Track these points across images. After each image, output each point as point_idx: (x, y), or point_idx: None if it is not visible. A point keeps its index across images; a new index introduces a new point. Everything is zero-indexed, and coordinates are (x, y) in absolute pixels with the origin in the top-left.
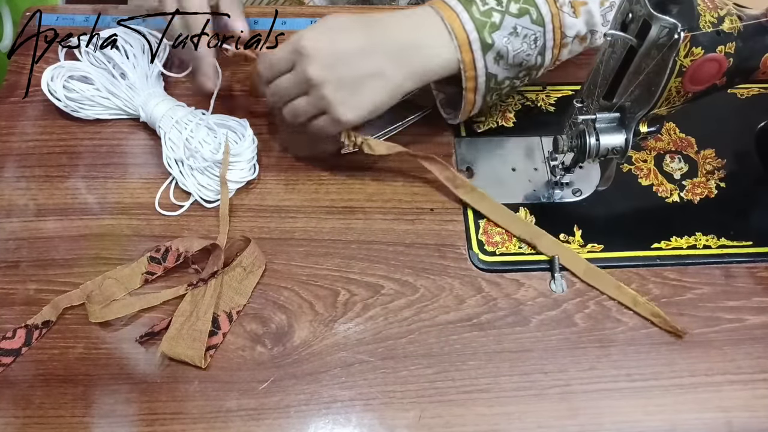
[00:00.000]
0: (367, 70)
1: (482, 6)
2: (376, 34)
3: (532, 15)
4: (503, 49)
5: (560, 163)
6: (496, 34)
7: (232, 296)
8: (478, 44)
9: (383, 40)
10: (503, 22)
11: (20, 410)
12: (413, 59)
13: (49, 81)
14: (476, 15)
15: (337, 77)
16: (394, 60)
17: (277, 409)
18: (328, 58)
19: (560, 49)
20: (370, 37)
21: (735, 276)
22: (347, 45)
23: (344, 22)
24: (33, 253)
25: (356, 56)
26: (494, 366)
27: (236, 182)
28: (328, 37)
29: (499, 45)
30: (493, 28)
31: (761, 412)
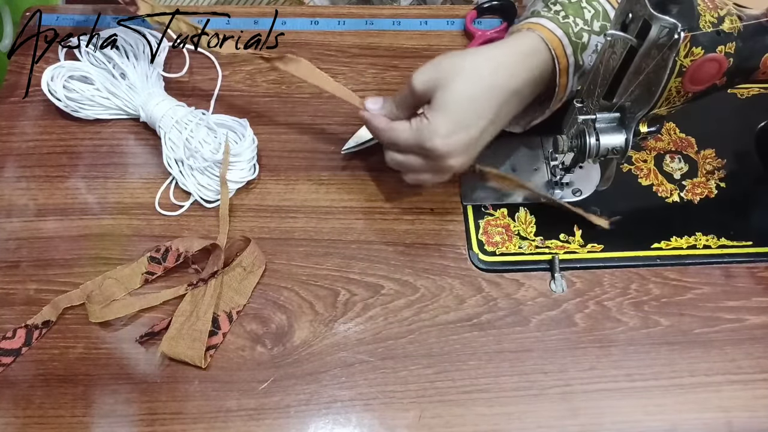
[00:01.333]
0: (485, 125)
1: (575, 27)
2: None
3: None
4: (586, 68)
5: (560, 163)
6: (584, 54)
7: (232, 296)
8: (573, 68)
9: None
10: (590, 41)
11: (20, 410)
12: (525, 97)
13: (49, 81)
14: (572, 38)
15: (466, 150)
16: (510, 104)
17: (277, 409)
18: (466, 148)
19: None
20: (496, 103)
21: (735, 276)
22: (480, 127)
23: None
24: (33, 253)
25: (486, 129)
26: (494, 366)
27: (236, 182)
28: (461, 129)
29: (586, 64)
30: (583, 48)
31: (761, 412)
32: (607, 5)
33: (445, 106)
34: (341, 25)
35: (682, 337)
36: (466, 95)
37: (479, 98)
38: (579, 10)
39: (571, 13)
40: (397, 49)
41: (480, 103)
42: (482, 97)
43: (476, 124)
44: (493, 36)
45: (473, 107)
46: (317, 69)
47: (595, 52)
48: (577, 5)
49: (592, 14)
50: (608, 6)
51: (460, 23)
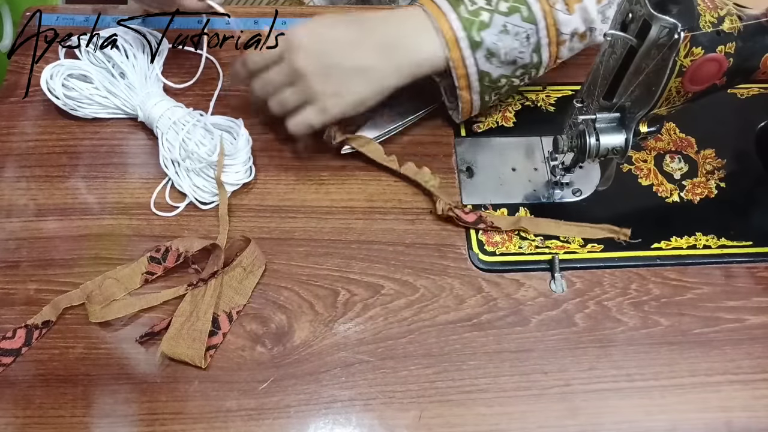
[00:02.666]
0: (353, 63)
1: (470, 5)
2: (363, 29)
3: (522, 13)
4: (494, 47)
5: (560, 163)
6: (485, 32)
7: (232, 296)
8: (466, 42)
9: (370, 34)
10: (492, 20)
11: (20, 410)
12: (399, 55)
13: (48, 79)
14: (464, 14)
15: (324, 68)
16: (380, 55)
17: (277, 409)
18: (316, 49)
19: (558, 46)
20: (357, 31)
21: (735, 276)
22: (334, 37)
23: (333, 18)
24: (33, 253)
25: (343, 49)
26: (494, 366)
27: (232, 185)
28: (316, 31)
29: (489, 43)
30: (482, 26)
31: (761, 412)
32: None
33: (311, 20)
34: None
35: (682, 337)
36: (331, 16)
37: (340, 20)
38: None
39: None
40: None
41: (340, 22)
42: (343, 20)
43: (333, 37)
44: None
45: (334, 23)
46: None
47: (504, 32)
48: None
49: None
50: None
51: None
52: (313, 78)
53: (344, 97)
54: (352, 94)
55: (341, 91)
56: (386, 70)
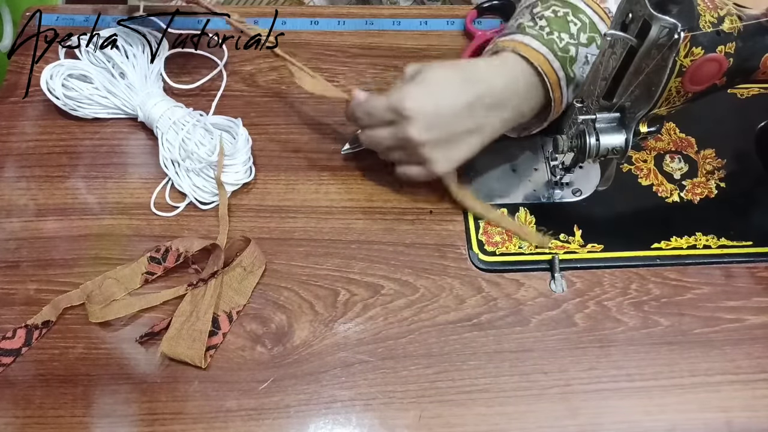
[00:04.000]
0: (466, 127)
1: (560, 42)
2: (474, 89)
3: (597, 42)
4: (580, 79)
5: (560, 163)
6: (575, 67)
7: (232, 296)
8: (565, 81)
9: (481, 95)
10: (578, 53)
11: (20, 410)
12: (508, 108)
13: (48, 79)
14: (558, 52)
15: (438, 139)
16: (490, 113)
17: (277, 409)
18: (430, 120)
19: None
20: (469, 94)
21: (735, 276)
22: (449, 106)
23: (442, 78)
24: (33, 253)
25: (458, 117)
26: (494, 366)
27: (232, 185)
28: (430, 99)
29: (578, 76)
30: (572, 61)
31: (761, 412)
32: (595, 17)
33: (421, 78)
34: (341, 25)
35: (682, 337)
36: (441, 73)
37: (453, 80)
38: (565, 25)
39: (555, 28)
40: (397, 49)
41: (454, 84)
42: (456, 80)
43: (448, 104)
44: (493, 36)
45: (447, 85)
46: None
47: (586, 64)
48: (563, 20)
49: (578, 27)
50: (596, 17)
51: (460, 23)
52: (426, 147)
53: (454, 160)
54: (462, 155)
55: (452, 155)
56: (495, 125)
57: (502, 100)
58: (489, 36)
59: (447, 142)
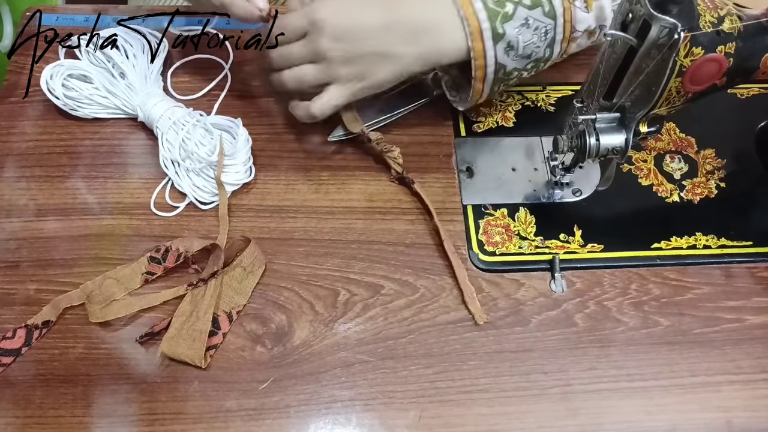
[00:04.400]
0: (378, 48)
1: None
2: (392, 13)
3: (544, 7)
4: (514, 40)
5: (560, 163)
6: (507, 25)
7: (232, 296)
8: (489, 33)
9: (398, 19)
10: (516, 12)
11: (20, 410)
12: (424, 42)
13: (48, 79)
14: (489, 4)
15: (349, 53)
16: (406, 41)
17: (277, 409)
18: (342, 32)
19: (569, 42)
20: (385, 15)
21: (735, 276)
22: (362, 21)
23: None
24: (33, 253)
25: (370, 34)
26: (494, 366)
27: (232, 185)
28: (344, 12)
29: (511, 36)
30: (506, 18)
31: (761, 412)
32: None
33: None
34: None
35: (682, 337)
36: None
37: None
38: None
39: None
40: None
41: (372, 3)
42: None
43: (362, 19)
44: None
45: (366, 2)
46: None
47: (525, 26)
48: None
49: None
50: None
51: None
52: (338, 61)
53: (366, 80)
54: (374, 78)
55: (364, 74)
56: (411, 56)
57: (418, 31)
58: None
59: (359, 59)
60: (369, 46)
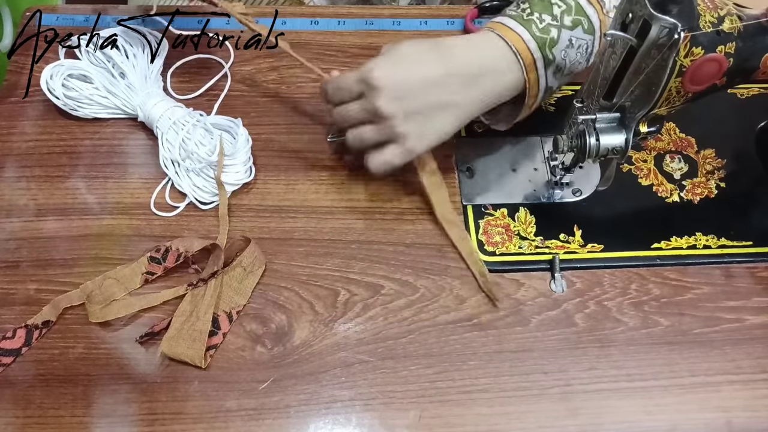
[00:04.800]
0: (438, 101)
1: (540, 23)
2: (446, 63)
3: (584, 25)
4: (561, 63)
5: (560, 163)
6: (555, 49)
7: (232, 296)
8: (541, 62)
9: (453, 69)
10: (560, 36)
11: (20, 410)
12: (483, 86)
13: (48, 79)
14: (537, 33)
15: (407, 110)
16: (464, 88)
17: (277, 409)
18: (399, 91)
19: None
20: (440, 67)
21: (735, 276)
22: (418, 77)
23: (414, 51)
24: (33, 253)
25: (428, 88)
26: (494, 366)
27: (232, 185)
28: (399, 69)
29: (558, 59)
30: (552, 43)
31: (761, 412)
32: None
33: (393, 51)
34: (341, 25)
35: (682, 337)
36: (415, 46)
37: (425, 53)
38: (547, 7)
39: (537, 10)
40: None
41: (426, 57)
42: (429, 53)
43: (419, 75)
44: None
45: (419, 57)
46: None
47: (569, 47)
48: (546, 2)
49: (562, 9)
50: (583, 1)
51: (460, 23)
52: (396, 120)
53: (429, 137)
54: (436, 132)
55: (425, 131)
56: (470, 102)
57: (476, 76)
58: None
59: (419, 115)
60: (429, 99)
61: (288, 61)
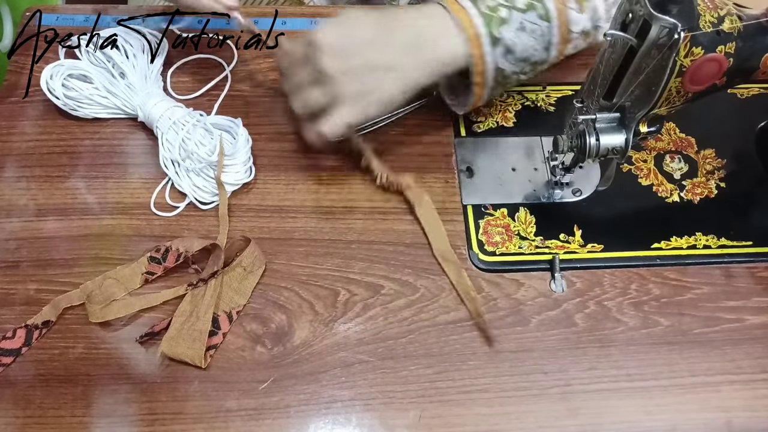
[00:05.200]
0: (379, 61)
1: (490, 1)
2: (388, 26)
3: (538, 10)
4: (511, 44)
5: (560, 163)
6: (503, 29)
7: (232, 296)
8: (487, 39)
9: (395, 32)
10: (511, 17)
11: (20, 410)
12: (425, 53)
13: (48, 79)
14: (484, 10)
15: (349, 68)
16: (406, 53)
17: (277, 409)
18: (340, 49)
19: (565, 44)
20: (381, 29)
21: (735, 276)
22: (358, 36)
23: (357, 16)
24: (33, 253)
25: (368, 47)
26: (494, 366)
27: (232, 185)
28: (339, 29)
29: (507, 40)
30: (501, 23)
31: (761, 412)
32: None
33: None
34: None
35: (682, 337)
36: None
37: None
38: None
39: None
40: None
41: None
42: (372, 15)
43: (361, 34)
44: None
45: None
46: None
47: (521, 30)
48: None
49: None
50: None
51: None
52: (340, 79)
53: (372, 97)
54: (380, 92)
55: (369, 90)
56: (413, 68)
57: (417, 40)
58: None
59: (360, 74)
60: (369, 60)
61: None
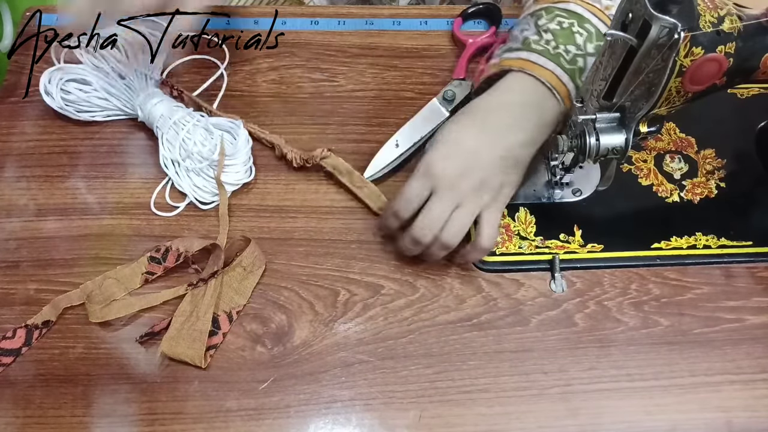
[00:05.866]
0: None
1: (567, 55)
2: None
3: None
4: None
5: (560, 163)
6: (583, 77)
7: (232, 296)
8: (574, 91)
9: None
10: (586, 64)
11: (20, 410)
12: (530, 131)
13: (47, 84)
14: (567, 66)
15: (479, 183)
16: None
17: (277, 409)
18: (461, 169)
19: None
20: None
21: (735, 276)
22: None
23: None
24: (33, 253)
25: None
26: (494, 366)
27: (232, 185)
28: (446, 151)
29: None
30: (581, 72)
31: (761, 412)
32: (600, 25)
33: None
34: (341, 25)
35: (682, 337)
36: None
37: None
38: (570, 37)
39: (562, 41)
40: (397, 49)
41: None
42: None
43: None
44: (485, 42)
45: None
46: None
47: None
48: (568, 31)
49: (584, 37)
50: (601, 25)
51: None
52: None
53: (505, 189)
54: (509, 183)
55: (498, 188)
56: (526, 142)
57: (521, 121)
58: (480, 43)
59: (490, 180)
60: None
61: (288, 61)
